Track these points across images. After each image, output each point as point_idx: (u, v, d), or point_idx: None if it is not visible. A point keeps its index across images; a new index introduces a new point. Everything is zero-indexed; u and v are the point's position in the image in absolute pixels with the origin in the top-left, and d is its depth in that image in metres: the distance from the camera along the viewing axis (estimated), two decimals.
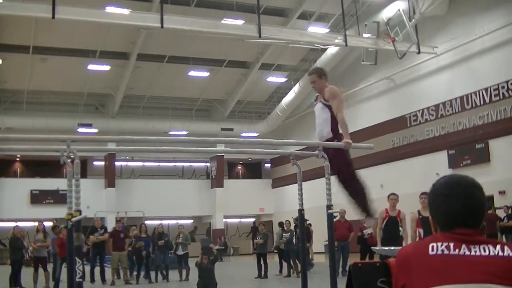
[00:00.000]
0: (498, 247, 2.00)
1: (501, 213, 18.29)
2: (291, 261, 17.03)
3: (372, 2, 24.13)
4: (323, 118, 6.88)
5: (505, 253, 1.98)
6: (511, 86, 20.40)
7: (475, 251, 1.99)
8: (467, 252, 1.99)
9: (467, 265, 1.96)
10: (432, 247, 2.03)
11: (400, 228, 10.88)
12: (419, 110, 24.56)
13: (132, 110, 32.16)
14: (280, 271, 17.86)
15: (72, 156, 5.63)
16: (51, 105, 30.23)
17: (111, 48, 27.43)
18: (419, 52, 22.35)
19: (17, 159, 34.33)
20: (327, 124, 6.83)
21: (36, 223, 16.33)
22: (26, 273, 15.52)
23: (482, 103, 21.54)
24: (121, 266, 16.36)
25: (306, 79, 27.90)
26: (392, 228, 10.79)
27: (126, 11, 20.81)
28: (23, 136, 8.75)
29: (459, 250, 2.00)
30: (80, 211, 5.65)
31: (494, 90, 21.03)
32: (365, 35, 22.54)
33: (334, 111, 6.71)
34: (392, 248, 9.32)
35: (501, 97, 20.78)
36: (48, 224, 17.70)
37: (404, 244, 10.37)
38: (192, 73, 29.66)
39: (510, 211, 17.86)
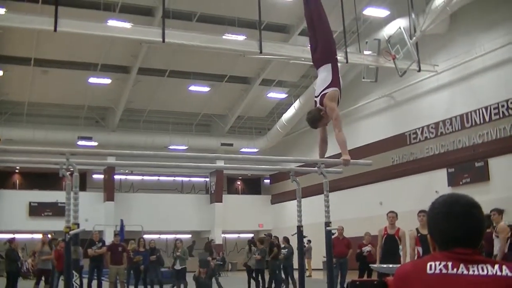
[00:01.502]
0: (496, 266, 1.99)
1: None
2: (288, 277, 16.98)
3: (373, 19, 24.23)
4: (323, 76, 6.77)
5: (503, 273, 1.97)
6: (511, 105, 20.41)
7: (473, 271, 1.98)
8: (465, 272, 1.98)
9: (465, 284, 1.96)
10: (430, 266, 2.03)
11: (400, 245, 10.84)
12: (419, 128, 24.58)
13: (132, 124, 32.18)
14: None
15: (71, 169, 5.62)
16: (52, 118, 30.32)
17: (112, 62, 27.50)
18: (419, 70, 22.37)
19: (16, 171, 34.35)
20: (326, 81, 6.71)
21: (39, 235, 16.32)
22: (26, 285, 15.46)
23: (482, 121, 21.56)
24: (118, 280, 16.29)
25: (306, 95, 27.96)
26: (390, 245, 10.75)
27: (128, 25, 20.87)
28: (22, 148, 8.72)
29: (457, 270, 1.99)
30: (78, 224, 5.62)
31: (494, 108, 21.04)
32: (366, 52, 22.59)
33: (333, 126, 6.52)
34: (390, 266, 9.31)
35: (501, 115, 20.79)
36: None
37: (402, 262, 10.33)
38: (192, 88, 29.72)
39: None
